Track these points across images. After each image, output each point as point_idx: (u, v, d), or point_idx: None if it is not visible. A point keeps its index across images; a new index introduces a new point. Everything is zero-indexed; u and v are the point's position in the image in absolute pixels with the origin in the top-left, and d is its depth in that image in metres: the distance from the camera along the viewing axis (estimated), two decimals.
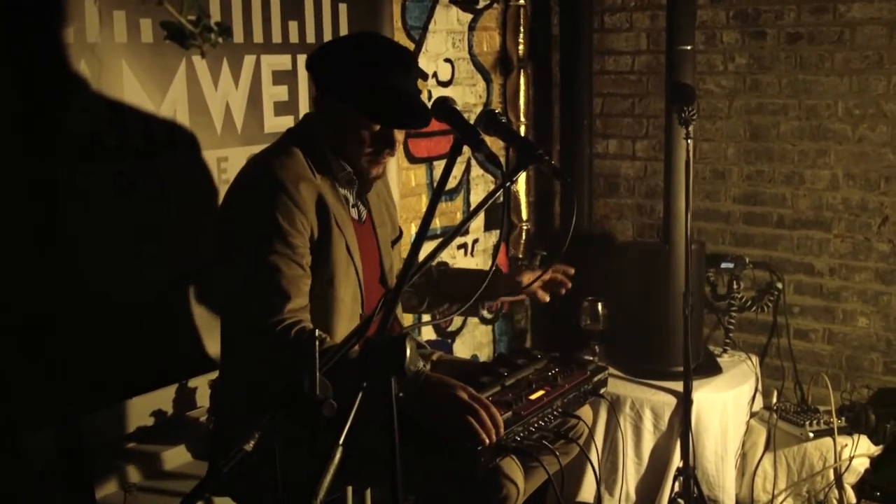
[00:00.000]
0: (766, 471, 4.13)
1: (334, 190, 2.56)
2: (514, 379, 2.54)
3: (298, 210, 2.41)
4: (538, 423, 2.40)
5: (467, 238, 4.60)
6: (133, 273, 2.90)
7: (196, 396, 3.22)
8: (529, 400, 2.42)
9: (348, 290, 2.53)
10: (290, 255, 2.38)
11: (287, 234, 2.38)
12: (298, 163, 2.50)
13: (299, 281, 2.39)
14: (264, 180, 2.44)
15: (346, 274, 2.53)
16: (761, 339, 4.64)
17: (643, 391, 4.07)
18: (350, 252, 2.53)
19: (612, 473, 4.05)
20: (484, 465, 2.21)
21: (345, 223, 2.54)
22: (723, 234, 4.69)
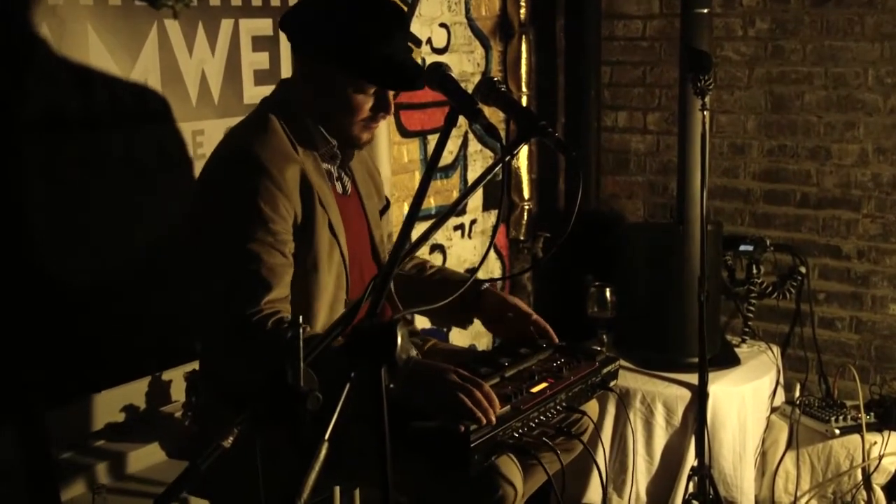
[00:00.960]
0: (788, 470, 4.14)
1: (317, 165, 2.55)
2: (516, 370, 2.53)
3: (282, 194, 2.41)
4: (539, 419, 2.39)
5: (464, 218, 4.60)
6: (101, 254, 2.90)
7: (171, 390, 3.21)
8: (531, 393, 2.41)
9: (331, 274, 2.53)
10: (271, 243, 2.38)
11: (269, 220, 2.38)
12: (280, 139, 2.49)
13: (281, 270, 2.39)
14: (245, 161, 2.43)
15: (330, 256, 2.53)
16: (783, 327, 4.65)
17: (655, 384, 4.08)
18: (334, 231, 2.53)
19: (622, 473, 4.06)
20: (478, 463, 2.21)
21: (328, 201, 2.54)
22: (741, 214, 4.69)
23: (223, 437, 1.71)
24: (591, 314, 4.19)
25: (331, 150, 2.58)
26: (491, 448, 2.24)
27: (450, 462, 2.22)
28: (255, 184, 2.39)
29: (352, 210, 2.67)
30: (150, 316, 3.06)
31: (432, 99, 4.17)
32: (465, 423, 2.21)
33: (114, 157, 2.93)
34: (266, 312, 2.32)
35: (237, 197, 2.41)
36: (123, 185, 2.95)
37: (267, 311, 2.32)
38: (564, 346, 2.71)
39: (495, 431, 2.24)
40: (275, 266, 2.37)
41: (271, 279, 2.36)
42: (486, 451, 2.23)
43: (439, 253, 4.44)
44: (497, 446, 2.26)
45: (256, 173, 2.40)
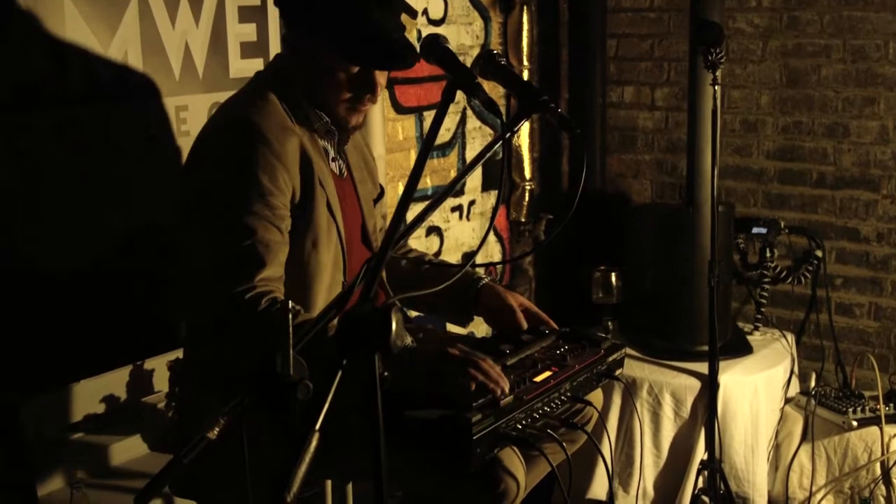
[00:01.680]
0: (803, 464, 4.15)
1: (314, 142, 2.57)
2: (518, 358, 2.54)
3: (281, 165, 2.41)
4: (543, 409, 2.40)
5: (462, 199, 4.60)
6: (79, 237, 2.90)
7: (153, 379, 3.22)
8: (534, 382, 2.42)
9: (329, 253, 2.55)
10: (268, 218, 2.38)
11: (268, 192, 2.38)
12: (278, 111, 2.51)
13: (276, 248, 2.39)
14: (244, 130, 2.44)
15: (328, 235, 2.54)
16: (798, 314, 4.66)
17: (663, 373, 4.09)
18: (332, 210, 2.55)
19: (628, 467, 4.07)
20: (481, 456, 2.22)
21: (326, 178, 2.55)
22: (754, 194, 4.70)
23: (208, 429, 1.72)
24: (595, 300, 4.21)
25: (326, 126, 2.59)
26: (493, 440, 2.25)
27: (450, 455, 2.23)
28: (254, 153, 2.40)
29: (347, 193, 2.68)
30: (132, 302, 3.06)
31: (429, 73, 4.17)
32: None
33: (91, 135, 2.92)
34: (260, 290, 2.32)
35: (234, 167, 2.41)
36: (102, 166, 2.95)
37: (261, 288, 2.32)
38: (568, 333, 2.72)
39: (498, 423, 2.24)
40: (270, 242, 2.38)
41: (266, 256, 2.36)
42: (488, 444, 2.24)
43: (436, 236, 4.45)
44: (500, 438, 2.26)
45: (256, 142, 2.41)
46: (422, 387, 2.29)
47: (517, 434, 2.30)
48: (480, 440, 2.20)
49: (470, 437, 2.18)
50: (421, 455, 2.29)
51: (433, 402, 2.28)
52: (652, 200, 4.97)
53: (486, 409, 2.24)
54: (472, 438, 2.18)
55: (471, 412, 2.21)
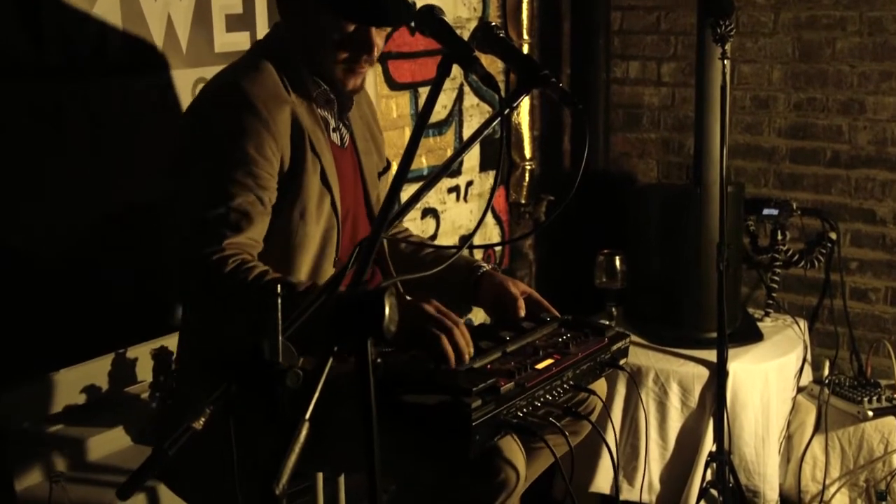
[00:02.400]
0: (816, 456, 4.16)
1: (311, 112, 2.60)
2: (519, 345, 2.55)
3: (269, 135, 2.45)
4: (545, 397, 2.41)
5: (459, 180, 4.60)
6: (56, 218, 2.90)
7: (136, 369, 3.22)
8: (535, 370, 2.43)
9: (319, 226, 2.57)
10: (250, 187, 2.42)
11: (252, 161, 2.42)
12: (271, 79, 2.54)
13: (255, 217, 2.43)
14: (232, 98, 2.49)
15: (320, 206, 2.57)
16: (811, 299, 4.66)
17: (669, 361, 4.10)
18: (327, 181, 2.58)
19: (633, 459, 4.08)
20: (480, 444, 2.23)
21: (322, 148, 2.58)
22: (765, 174, 4.70)
23: (194, 418, 1.72)
24: (599, 285, 4.21)
25: (325, 94, 2.62)
26: (494, 427, 2.26)
27: (448, 442, 2.24)
28: (241, 121, 2.44)
29: (348, 163, 2.71)
30: (114, 287, 3.06)
31: (424, 47, 4.17)
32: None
33: (69, 111, 2.92)
34: (227, 253, 2.36)
35: (221, 134, 2.46)
36: (81, 143, 2.94)
37: (229, 251, 2.37)
38: (570, 321, 2.73)
39: (499, 409, 2.25)
40: (249, 211, 2.42)
41: (241, 222, 2.40)
42: (488, 431, 2.25)
43: (432, 218, 4.45)
44: (500, 426, 2.27)
45: (244, 110, 2.45)
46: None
47: (518, 422, 2.31)
48: (480, 426, 2.21)
49: (469, 423, 2.18)
50: (418, 442, 2.30)
51: (431, 386, 2.29)
52: (658, 181, 4.98)
53: (487, 395, 2.25)
54: (471, 424, 2.19)
55: (470, 397, 2.22)
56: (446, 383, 2.28)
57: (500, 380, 2.31)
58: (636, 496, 4.02)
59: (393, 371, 2.33)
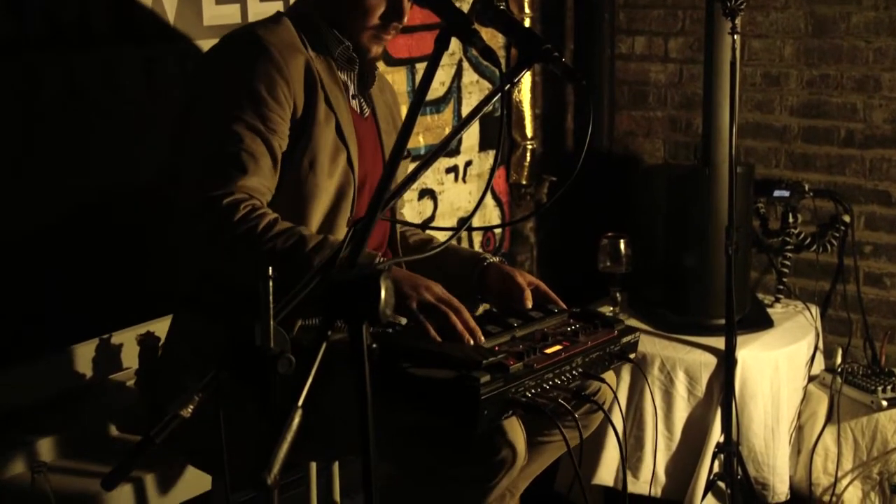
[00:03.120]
0: (828, 448, 4.17)
1: (331, 71, 2.65)
2: (528, 331, 2.58)
3: (281, 78, 2.50)
4: (554, 381, 2.43)
5: (457, 159, 4.60)
6: (37, 197, 2.91)
7: (122, 355, 3.23)
8: (544, 353, 2.46)
9: (333, 179, 2.60)
10: (259, 129, 2.46)
11: (263, 102, 2.47)
12: (288, 32, 2.60)
13: (263, 161, 2.47)
14: (247, 42, 2.55)
15: (334, 161, 2.60)
16: (823, 285, 4.67)
17: (675, 349, 4.11)
18: (343, 137, 2.61)
19: (637, 450, 4.09)
20: (488, 420, 2.25)
21: (340, 106, 2.62)
22: (776, 154, 4.70)
23: (182, 406, 1.73)
24: (602, 269, 4.22)
25: (347, 53, 2.67)
26: (502, 404, 2.28)
27: (455, 417, 2.27)
28: (252, 62, 2.49)
29: (368, 132, 2.76)
30: (99, 269, 3.06)
31: (421, 21, 4.16)
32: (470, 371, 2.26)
33: (51, 85, 2.92)
34: (238, 196, 2.40)
35: (232, 74, 2.52)
36: (64, 118, 2.94)
37: (239, 194, 2.40)
38: (579, 312, 2.76)
39: (507, 387, 2.28)
40: (257, 153, 2.45)
41: (249, 164, 2.43)
42: (496, 408, 2.27)
43: (429, 199, 4.45)
44: (509, 403, 2.30)
45: (257, 53, 2.50)
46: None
47: (528, 401, 2.33)
48: (488, 401, 2.23)
49: (478, 397, 2.21)
50: (417, 420, 2.32)
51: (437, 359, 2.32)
52: (664, 161, 4.98)
53: (496, 372, 2.28)
54: (479, 398, 2.21)
55: (480, 371, 2.25)
56: (453, 356, 2.31)
57: (509, 358, 2.34)
58: (641, 489, 4.03)
59: (395, 342, 2.37)
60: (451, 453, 2.39)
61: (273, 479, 1.44)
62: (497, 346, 2.44)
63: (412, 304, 2.36)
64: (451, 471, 2.41)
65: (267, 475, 1.43)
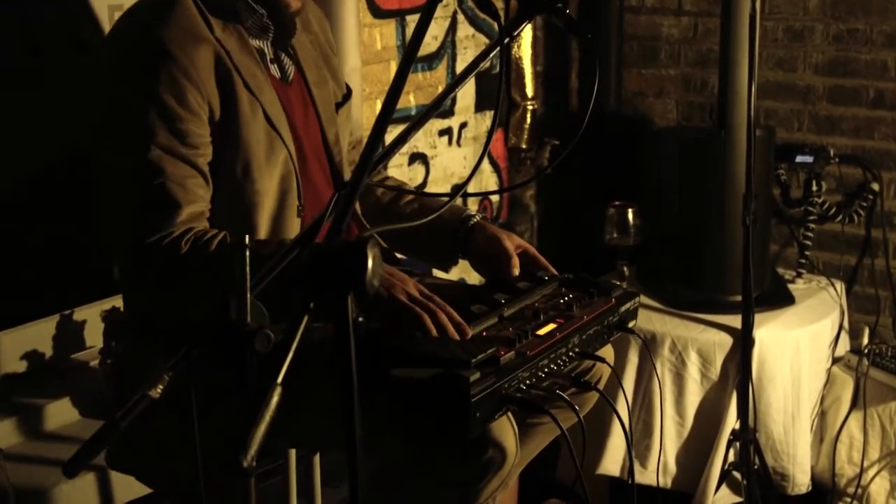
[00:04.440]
0: (853, 435, 4.19)
1: (244, 45, 2.55)
2: (516, 308, 2.56)
3: (190, 83, 2.40)
4: (549, 367, 2.41)
5: (452, 121, 4.60)
6: None
7: (85, 332, 3.24)
8: (537, 336, 2.43)
9: (273, 178, 2.55)
10: (177, 151, 2.39)
11: (175, 117, 2.39)
12: (189, 15, 2.48)
13: (191, 184, 2.41)
14: (142, 43, 2.44)
15: (270, 155, 2.54)
16: (849, 259, 4.68)
17: (688, 328, 4.12)
18: (272, 123, 2.55)
19: (646, 438, 4.11)
20: (480, 421, 2.22)
21: (260, 86, 2.54)
22: (799, 116, 4.70)
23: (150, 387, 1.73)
24: (609, 241, 4.23)
25: (260, 21, 2.58)
26: (495, 403, 2.25)
27: (444, 420, 2.24)
28: (155, 71, 2.39)
29: (295, 99, 2.68)
30: (58, 241, 3.06)
31: None
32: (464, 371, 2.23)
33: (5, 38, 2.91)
34: (178, 233, 2.36)
35: (134, 88, 2.41)
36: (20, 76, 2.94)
37: (178, 231, 2.36)
38: (572, 279, 2.74)
39: (500, 383, 2.24)
40: (183, 178, 2.39)
41: (179, 195, 2.38)
42: (488, 407, 2.24)
43: (421, 164, 4.46)
44: (502, 401, 2.27)
45: (157, 57, 2.40)
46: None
47: (522, 396, 2.31)
48: (480, 403, 2.20)
49: (468, 399, 2.17)
50: (402, 419, 2.31)
51: (421, 357, 2.28)
52: (677, 123, 4.98)
53: (486, 367, 2.24)
54: (470, 401, 2.18)
55: (469, 370, 2.20)
56: (439, 354, 2.28)
57: (499, 348, 2.30)
58: (650, 479, 4.04)
59: (375, 341, 2.31)
60: (434, 454, 2.39)
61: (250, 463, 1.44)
62: (485, 332, 2.42)
63: (401, 296, 2.35)
64: (435, 473, 2.42)
65: (243, 458, 1.43)
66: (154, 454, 2.51)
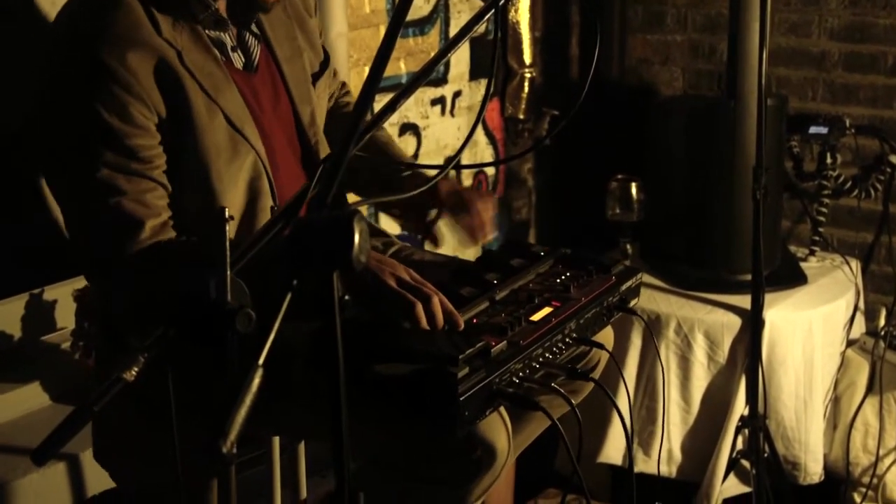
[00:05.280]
0: (869, 422, 4.20)
1: (196, 38, 2.47)
2: (509, 290, 2.54)
3: (132, 97, 2.33)
4: (544, 356, 2.38)
5: (445, 90, 4.60)
6: None
7: (55, 313, 3.24)
8: (531, 322, 2.40)
9: (238, 185, 2.50)
10: (130, 168, 2.34)
11: (121, 135, 2.33)
12: (129, 17, 2.39)
13: (149, 196, 2.37)
14: (78, 60, 2.36)
15: (233, 161, 2.48)
16: (865, 236, 4.69)
17: (694, 308, 4.13)
18: (234, 125, 2.48)
19: (649, 424, 4.12)
20: (469, 420, 2.19)
21: (218, 86, 2.47)
22: (813, 84, 4.71)
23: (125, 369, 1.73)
24: (611, 217, 4.24)
25: (214, 16, 2.49)
26: (485, 399, 2.21)
27: (430, 419, 2.21)
28: (93, 89, 2.32)
29: (262, 88, 2.61)
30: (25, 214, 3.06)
31: None
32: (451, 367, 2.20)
33: None
34: (143, 247, 2.33)
35: (74, 109, 2.35)
36: None
37: (143, 245, 2.33)
38: (568, 256, 2.72)
39: (491, 378, 2.21)
40: (139, 193, 2.35)
41: (137, 211, 2.34)
42: (478, 404, 2.20)
43: (412, 135, 4.45)
44: (493, 397, 2.23)
45: (94, 74, 2.33)
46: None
47: (514, 391, 2.27)
48: (469, 400, 2.16)
49: (455, 397, 2.14)
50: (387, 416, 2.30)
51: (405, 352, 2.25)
52: (684, 92, 4.98)
53: (475, 361, 2.21)
54: (458, 399, 2.14)
55: (457, 366, 2.16)
56: (425, 348, 2.25)
57: (489, 339, 2.27)
58: (653, 468, 4.05)
59: (357, 335, 2.26)
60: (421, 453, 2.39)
61: (230, 448, 1.44)
62: (475, 318, 2.40)
63: (390, 281, 2.32)
64: (422, 472, 2.42)
65: (222, 443, 1.43)
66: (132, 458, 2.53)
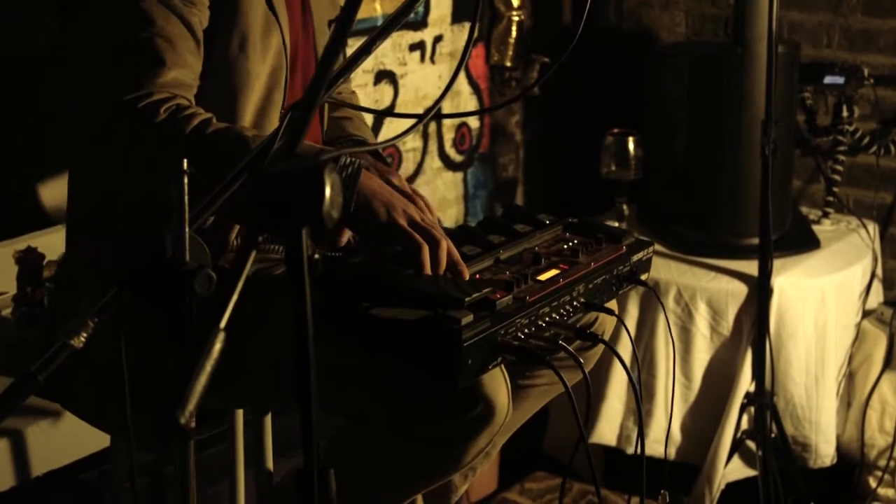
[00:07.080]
0: (886, 399, 4.22)
1: None
2: (514, 252, 2.57)
3: None
4: (551, 316, 2.42)
5: (424, 34, 4.60)
6: None
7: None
8: (538, 281, 2.43)
9: (265, 63, 2.58)
10: (173, 5, 2.40)
11: None
12: None
13: (181, 45, 2.42)
14: None
15: (265, 39, 2.57)
16: (884, 196, 4.70)
17: (696, 275, 4.15)
18: (273, 6, 2.57)
19: (647, 402, 4.13)
20: (472, 371, 2.23)
21: None
22: (829, 30, 4.72)
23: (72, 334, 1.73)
24: (606, 175, 4.25)
25: None
26: (490, 351, 2.26)
27: (431, 368, 2.25)
28: None
29: (294, 2, 2.70)
30: None
31: None
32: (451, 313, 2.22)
33: None
34: (157, 98, 2.35)
35: None
36: None
37: (159, 94, 2.36)
38: (577, 224, 2.75)
39: (496, 328, 2.25)
40: (173, 37, 2.40)
41: (167, 54, 2.38)
42: (482, 355, 2.25)
43: (388, 84, 4.46)
44: (497, 349, 2.27)
45: None
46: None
47: (520, 344, 2.31)
48: (473, 348, 2.20)
49: (459, 342, 2.18)
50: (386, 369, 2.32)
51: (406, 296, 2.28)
52: (687, 38, 4.99)
53: (480, 309, 2.24)
54: (462, 345, 2.18)
55: (461, 311, 2.20)
56: (427, 291, 2.28)
57: (495, 290, 2.31)
58: (651, 449, 4.03)
59: (352, 276, 2.33)
60: (416, 408, 2.41)
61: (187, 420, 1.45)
62: (478, 274, 2.43)
63: (401, 219, 2.33)
64: (415, 429, 2.44)
65: (180, 414, 1.44)
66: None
